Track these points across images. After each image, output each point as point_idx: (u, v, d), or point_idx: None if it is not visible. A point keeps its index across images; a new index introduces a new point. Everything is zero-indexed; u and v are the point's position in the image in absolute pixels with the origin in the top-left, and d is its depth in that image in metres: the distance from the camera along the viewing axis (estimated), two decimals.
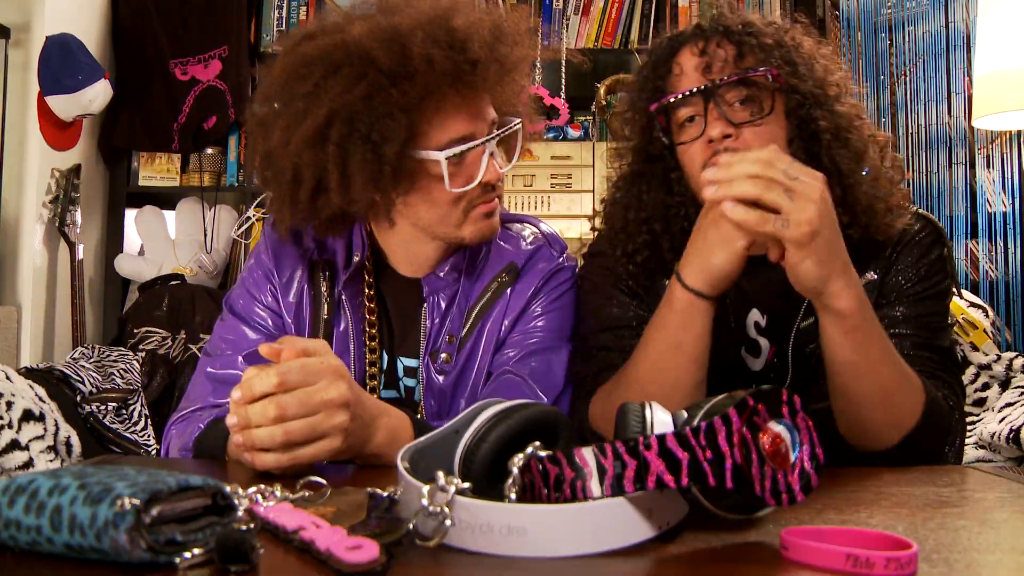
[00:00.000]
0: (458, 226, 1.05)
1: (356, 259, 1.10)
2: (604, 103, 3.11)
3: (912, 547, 0.54)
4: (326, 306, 1.10)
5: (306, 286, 1.12)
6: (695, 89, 1.05)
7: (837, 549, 0.54)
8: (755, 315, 1.12)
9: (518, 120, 1.07)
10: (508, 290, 1.12)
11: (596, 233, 1.27)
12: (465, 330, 1.10)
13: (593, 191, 2.98)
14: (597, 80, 3.12)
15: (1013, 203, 2.82)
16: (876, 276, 1.08)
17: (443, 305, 1.11)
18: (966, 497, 0.80)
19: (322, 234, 1.10)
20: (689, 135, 1.07)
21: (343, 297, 1.11)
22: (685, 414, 0.65)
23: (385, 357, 1.14)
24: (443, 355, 1.10)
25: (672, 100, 1.07)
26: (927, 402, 0.97)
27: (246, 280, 1.17)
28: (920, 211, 1.13)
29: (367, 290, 1.12)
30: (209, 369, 1.10)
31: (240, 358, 1.09)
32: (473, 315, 1.11)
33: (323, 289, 1.11)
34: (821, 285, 0.88)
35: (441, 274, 1.12)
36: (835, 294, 0.89)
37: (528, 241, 1.18)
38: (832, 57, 1.12)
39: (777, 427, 0.61)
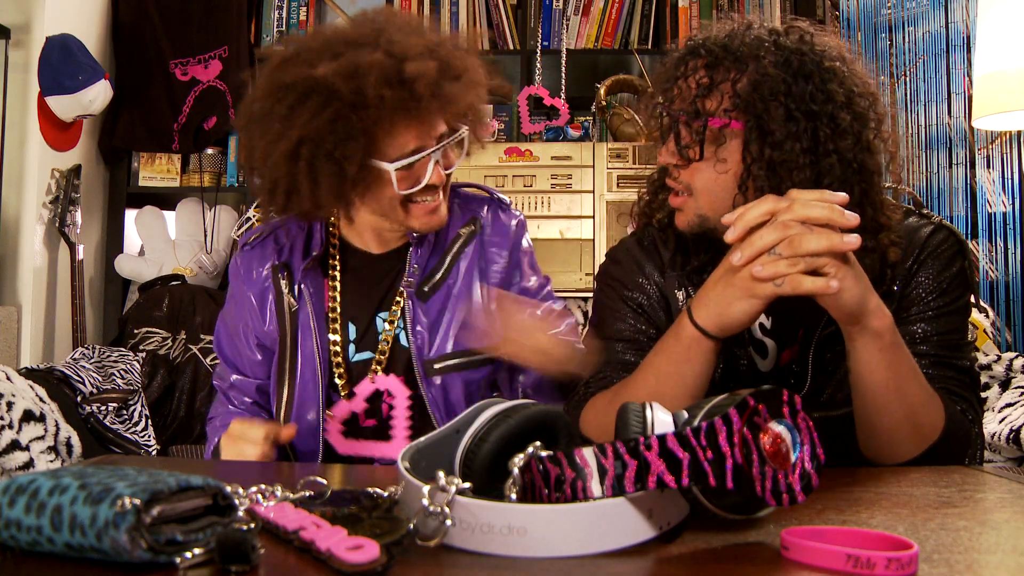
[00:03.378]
0: (406, 219, 1.23)
1: (314, 253, 1.28)
2: (604, 103, 3.11)
3: (913, 547, 0.54)
4: (287, 301, 1.28)
5: (271, 287, 1.30)
6: (659, 109, 1.07)
7: (838, 549, 0.54)
8: (759, 317, 1.08)
9: (463, 129, 1.23)
10: (476, 237, 1.32)
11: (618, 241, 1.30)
12: (441, 272, 1.28)
13: (593, 191, 2.98)
14: (597, 80, 3.12)
15: (1013, 203, 2.83)
16: (897, 288, 1.06)
17: (422, 255, 1.29)
18: (967, 497, 0.79)
19: (298, 220, 1.30)
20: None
21: (303, 288, 1.27)
22: (686, 414, 0.65)
23: (352, 326, 1.29)
24: (425, 289, 1.28)
25: (655, 105, 1.08)
26: (947, 417, 0.98)
27: (226, 317, 1.36)
28: (943, 221, 1.11)
29: (330, 280, 1.30)
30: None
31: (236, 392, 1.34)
32: (449, 257, 1.30)
33: (283, 288, 1.29)
34: (860, 307, 0.89)
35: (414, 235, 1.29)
36: (872, 313, 0.90)
37: (479, 197, 1.39)
38: (855, 72, 1.04)
39: (778, 427, 0.61)
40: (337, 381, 1.26)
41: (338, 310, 1.29)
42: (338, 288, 1.30)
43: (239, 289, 1.33)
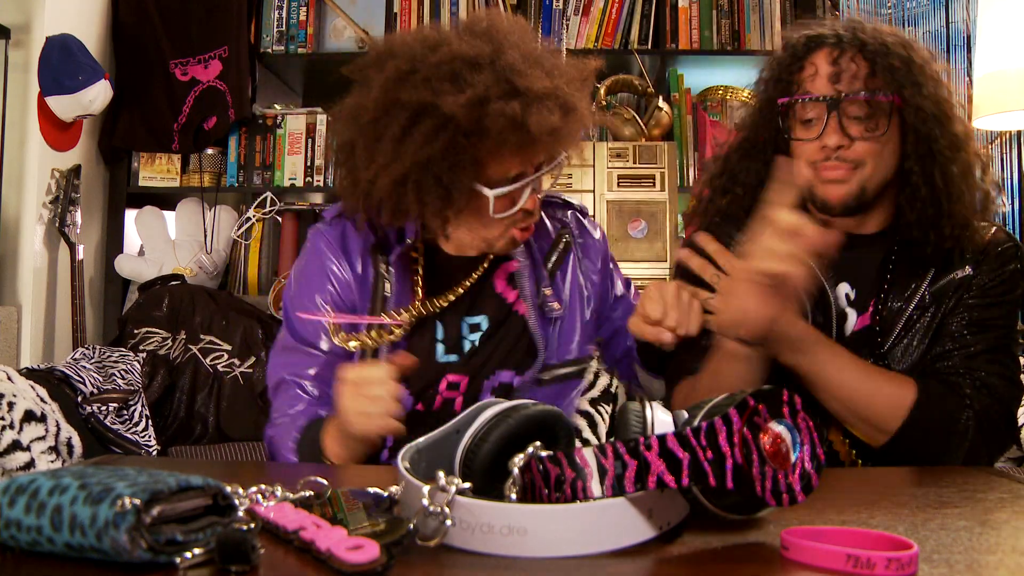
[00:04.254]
0: (496, 239, 1.24)
1: (409, 240, 1.27)
2: (604, 103, 3.10)
3: (913, 547, 0.54)
4: (383, 286, 1.27)
5: (370, 264, 1.28)
6: (823, 96, 1.15)
7: (838, 549, 0.54)
8: (845, 287, 1.22)
9: (563, 155, 1.24)
10: (572, 247, 1.34)
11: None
12: (549, 285, 1.30)
13: (593, 191, 2.98)
14: (597, 80, 3.11)
15: (1013, 203, 2.82)
16: (971, 271, 1.18)
17: (528, 271, 1.30)
18: (967, 497, 0.80)
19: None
20: (807, 134, 1.18)
21: (391, 275, 1.27)
22: (686, 414, 0.65)
23: (439, 325, 1.28)
24: (553, 304, 1.30)
25: (801, 100, 1.17)
26: (913, 406, 1.09)
27: (300, 298, 1.28)
28: (1002, 227, 1.25)
29: (415, 267, 1.29)
30: (289, 377, 1.25)
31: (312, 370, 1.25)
32: (551, 263, 1.33)
33: (382, 270, 1.28)
34: (769, 324, 1.04)
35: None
36: (775, 333, 1.06)
37: (556, 202, 1.40)
38: (943, 76, 1.22)
39: (778, 427, 0.61)
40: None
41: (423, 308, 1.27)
42: (420, 284, 1.28)
43: (325, 263, 1.28)
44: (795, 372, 1.11)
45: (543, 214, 1.35)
